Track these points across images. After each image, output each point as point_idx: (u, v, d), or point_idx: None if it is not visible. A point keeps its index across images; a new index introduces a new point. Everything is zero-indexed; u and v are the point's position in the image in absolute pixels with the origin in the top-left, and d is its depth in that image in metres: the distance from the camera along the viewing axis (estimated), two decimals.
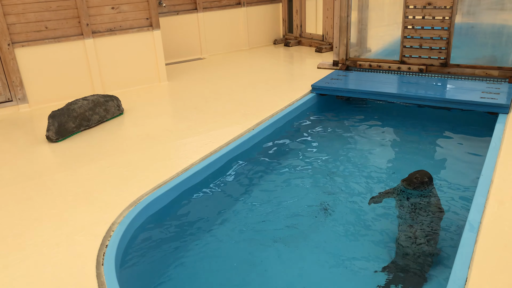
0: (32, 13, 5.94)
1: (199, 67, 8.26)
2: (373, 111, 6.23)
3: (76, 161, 4.47)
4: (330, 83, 6.39)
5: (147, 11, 6.80)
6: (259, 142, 5.04)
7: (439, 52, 6.53)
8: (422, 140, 5.24)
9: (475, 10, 7.06)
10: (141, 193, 3.75)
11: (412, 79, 6.52)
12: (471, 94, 5.56)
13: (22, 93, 6.08)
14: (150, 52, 6.99)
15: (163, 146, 4.74)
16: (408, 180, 3.56)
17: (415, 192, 3.55)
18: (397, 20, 6.84)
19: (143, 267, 3.27)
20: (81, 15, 6.25)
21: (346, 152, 5.01)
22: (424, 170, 3.64)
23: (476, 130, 5.35)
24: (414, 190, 3.54)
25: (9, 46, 5.85)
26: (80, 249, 3.07)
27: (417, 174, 3.57)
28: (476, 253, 2.78)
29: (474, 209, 3.24)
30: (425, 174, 3.57)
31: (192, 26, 8.83)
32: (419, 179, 3.54)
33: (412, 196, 3.54)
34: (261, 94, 6.33)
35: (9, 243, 3.18)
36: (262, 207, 3.98)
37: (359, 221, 3.70)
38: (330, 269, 3.22)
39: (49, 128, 4.95)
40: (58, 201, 3.72)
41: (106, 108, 5.52)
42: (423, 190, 3.55)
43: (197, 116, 5.60)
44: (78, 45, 6.36)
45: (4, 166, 4.44)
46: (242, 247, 3.47)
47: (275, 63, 8.33)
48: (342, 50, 7.34)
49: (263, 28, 9.83)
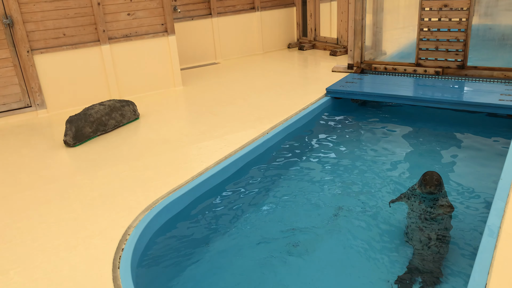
0: (50, 21, 6.07)
1: (213, 71, 8.31)
2: (388, 115, 6.17)
3: (93, 165, 4.53)
4: (345, 86, 6.36)
5: (162, 16, 6.87)
6: (273, 146, 5.04)
7: (455, 54, 6.44)
8: (438, 143, 5.17)
9: (492, 11, 6.95)
10: (157, 197, 3.78)
11: (428, 82, 6.44)
12: (489, 97, 5.46)
13: (40, 99, 6.20)
14: (165, 57, 7.06)
15: (178, 150, 4.77)
16: (429, 185, 3.41)
17: (432, 196, 3.48)
18: (413, 23, 6.78)
19: (159, 270, 3.29)
20: (98, 21, 6.35)
21: (361, 155, 4.96)
22: (432, 171, 3.51)
23: (494, 133, 5.25)
24: (433, 194, 3.46)
25: (28, 53, 5.98)
26: (96, 252, 3.11)
27: (434, 176, 3.44)
28: (496, 258, 2.72)
29: (493, 213, 3.18)
30: (438, 175, 3.47)
31: (206, 31, 8.90)
32: (438, 180, 3.43)
33: (427, 199, 3.47)
34: (276, 98, 6.33)
35: (28, 246, 3.24)
36: (277, 211, 3.97)
37: (374, 226, 3.66)
38: (344, 274, 3.19)
39: (66, 133, 5.03)
40: (76, 204, 3.78)
41: (122, 113, 5.59)
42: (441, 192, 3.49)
43: (212, 120, 5.63)
44: (95, 51, 6.46)
45: (23, 170, 4.52)
46: (257, 252, 3.46)
47: (290, 67, 8.33)
48: (357, 53, 7.30)
49: (277, 32, 9.84)
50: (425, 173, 3.51)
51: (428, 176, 3.46)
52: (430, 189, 3.41)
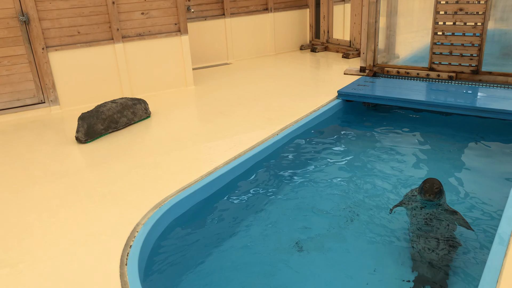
0: (66, 19, 6.14)
1: (225, 72, 8.33)
2: (400, 119, 6.12)
3: (104, 162, 4.57)
4: (356, 89, 6.32)
5: (175, 16, 6.91)
6: (283, 147, 5.03)
7: (470, 59, 6.36)
8: (451, 149, 5.11)
9: (508, 16, 6.85)
10: (166, 195, 3.80)
11: (441, 87, 6.38)
12: (504, 103, 5.39)
13: (54, 95, 6.28)
14: (178, 57, 7.10)
15: (188, 149, 4.79)
16: (429, 192, 3.45)
17: (432, 202, 3.48)
18: (427, 26, 6.71)
19: (166, 268, 3.31)
20: (112, 20, 6.41)
21: (371, 159, 4.93)
22: (433, 178, 3.55)
23: (508, 140, 5.17)
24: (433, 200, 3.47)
25: (43, 50, 6.06)
26: (105, 248, 3.14)
27: (435, 184, 3.47)
28: (506, 266, 2.68)
29: (504, 221, 3.14)
30: (438, 182, 3.50)
31: (219, 32, 8.92)
32: (439, 188, 3.46)
33: (428, 206, 3.47)
34: (287, 100, 6.32)
35: (38, 240, 3.28)
36: (286, 213, 3.96)
37: (384, 230, 3.63)
38: (353, 278, 3.17)
39: (78, 130, 5.09)
40: (86, 200, 3.82)
41: (133, 111, 5.64)
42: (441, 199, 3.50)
43: (223, 120, 5.64)
44: (108, 49, 6.52)
45: (35, 165, 4.58)
46: (265, 252, 3.46)
47: (302, 68, 8.31)
48: (370, 56, 7.26)
49: (289, 34, 9.83)
50: (426, 180, 3.55)
51: (428, 184, 3.49)
52: (429, 197, 3.46)
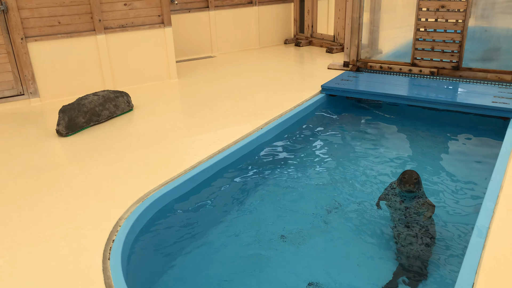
0: (45, 8, 6.00)
1: (209, 65, 8.28)
2: (382, 113, 6.20)
3: (85, 156, 4.50)
4: (340, 84, 6.36)
5: (159, 8, 6.83)
6: (267, 141, 5.04)
7: (451, 55, 6.47)
8: (431, 143, 5.20)
9: (489, 13, 6.97)
10: (149, 189, 3.77)
11: (423, 82, 6.47)
12: (483, 98, 5.50)
13: (33, 87, 6.14)
14: (161, 49, 7.02)
15: (172, 143, 4.76)
16: (408, 182, 3.53)
17: (411, 194, 3.57)
18: (410, 22, 6.79)
19: (149, 262, 3.29)
20: (94, 11, 6.29)
21: (354, 153, 4.98)
22: (411, 170, 3.64)
23: (487, 135, 5.29)
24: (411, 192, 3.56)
25: (22, 40, 5.91)
26: (87, 243, 3.10)
27: (413, 175, 3.56)
28: (484, 258, 2.75)
29: (482, 214, 3.21)
30: (416, 174, 3.59)
31: (203, 24, 8.85)
32: (417, 179, 3.55)
33: (407, 199, 3.56)
34: (271, 94, 6.32)
35: (18, 235, 3.22)
36: (269, 207, 3.98)
37: (366, 223, 3.68)
38: (336, 270, 3.21)
39: (59, 123, 5.00)
40: (67, 195, 3.76)
41: (116, 104, 5.56)
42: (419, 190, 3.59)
43: (206, 114, 5.61)
44: (90, 41, 6.41)
45: (14, 159, 4.49)
46: (247, 245, 3.47)
47: (286, 62, 8.32)
48: (353, 51, 7.31)
49: (274, 28, 9.82)
50: (404, 172, 3.65)
51: (407, 175, 3.59)
52: (409, 187, 3.54)
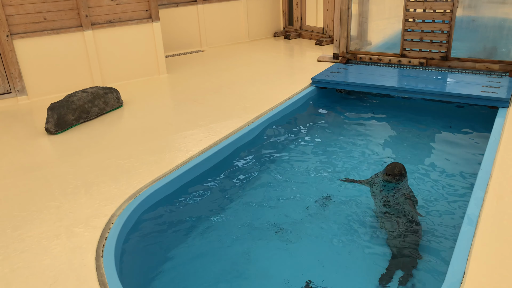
0: (31, 4, 5.90)
1: (199, 59, 8.23)
2: (373, 105, 6.22)
3: (76, 154, 4.46)
4: (330, 76, 6.37)
5: (146, 2, 6.75)
6: (259, 135, 5.04)
7: (439, 46, 6.50)
8: (421, 133, 5.24)
9: (476, 3, 7.01)
10: (141, 185, 3.75)
11: (412, 73, 6.50)
12: (471, 88, 5.55)
13: (21, 85, 6.06)
14: (150, 44, 6.96)
15: (162, 139, 4.73)
16: (389, 172, 3.66)
17: (392, 184, 3.68)
18: (398, 13, 6.80)
19: (142, 259, 3.28)
20: (80, 6, 6.21)
21: (345, 145, 5.00)
22: (397, 162, 3.78)
23: (476, 124, 5.34)
24: (395, 183, 3.67)
25: (8, 38, 5.82)
26: (79, 241, 3.08)
27: (396, 167, 3.68)
28: (474, 246, 2.79)
29: (472, 203, 3.25)
30: (401, 166, 3.72)
31: (192, 18, 8.78)
32: (400, 171, 3.67)
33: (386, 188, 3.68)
34: (261, 87, 6.31)
35: (9, 235, 3.19)
36: (261, 200, 3.99)
37: (356, 214, 3.71)
38: (328, 261, 3.23)
39: (48, 120, 4.94)
40: (58, 193, 3.73)
41: (105, 101, 5.51)
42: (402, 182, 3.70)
43: (197, 109, 5.59)
44: (77, 37, 6.33)
45: (3, 158, 4.43)
46: (240, 240, 3.48)
47: (275, 56, 8.30)
48: (343, 43, 7.31)
49: (263, 21, 9.78)
50: (390, 163, 3.78)
51: (390, 166, 3.73)
52: (388, 177, 3.69)
